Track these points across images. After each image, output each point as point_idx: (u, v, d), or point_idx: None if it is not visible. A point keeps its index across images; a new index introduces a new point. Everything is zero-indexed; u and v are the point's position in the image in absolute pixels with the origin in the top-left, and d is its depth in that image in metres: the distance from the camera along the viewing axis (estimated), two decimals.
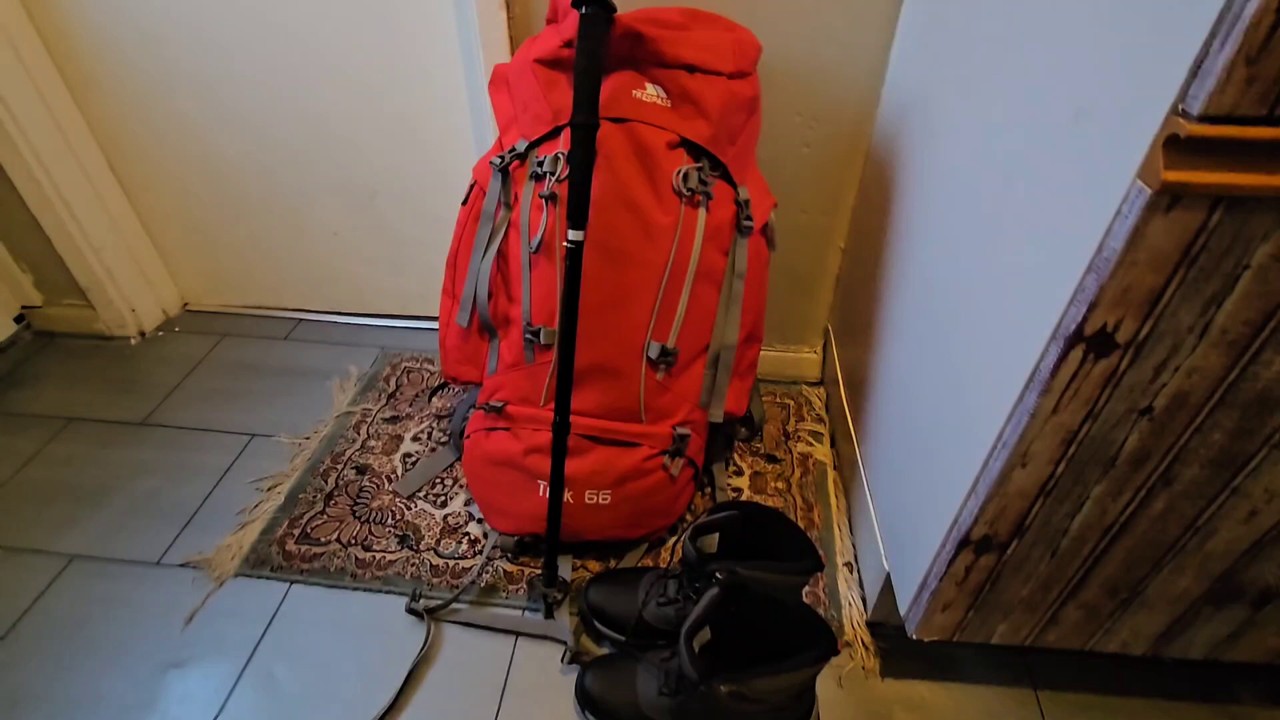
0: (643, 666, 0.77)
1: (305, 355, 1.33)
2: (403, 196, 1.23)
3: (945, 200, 0.71)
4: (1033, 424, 0.52)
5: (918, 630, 0.72)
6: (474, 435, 0.90)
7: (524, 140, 0.79)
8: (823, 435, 1.15)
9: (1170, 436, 0.52)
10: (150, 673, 0.83)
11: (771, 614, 0.70)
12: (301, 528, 1.00)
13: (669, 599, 0.82)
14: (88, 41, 1.10)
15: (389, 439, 1.14)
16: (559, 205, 0.77)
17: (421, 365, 1.30)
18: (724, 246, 0.81)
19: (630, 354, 0.81)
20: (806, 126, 0.99)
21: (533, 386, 0.85)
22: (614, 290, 0.79)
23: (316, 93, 1.12)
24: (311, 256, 1.34)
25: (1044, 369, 0.49)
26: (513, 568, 0.95)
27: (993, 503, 0.58)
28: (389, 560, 0.96)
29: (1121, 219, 0.41)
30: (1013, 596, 0.67)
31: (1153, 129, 0.38)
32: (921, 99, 0.79)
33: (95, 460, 1.11)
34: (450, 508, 1.03)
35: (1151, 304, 0.44)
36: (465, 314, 0.86)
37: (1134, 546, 0.60)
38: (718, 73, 0.74)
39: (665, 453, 0.86)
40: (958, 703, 0.82)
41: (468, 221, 0.85)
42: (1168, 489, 0.55)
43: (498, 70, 0.83)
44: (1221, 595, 0.64)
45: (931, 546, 0.67)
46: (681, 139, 0.76)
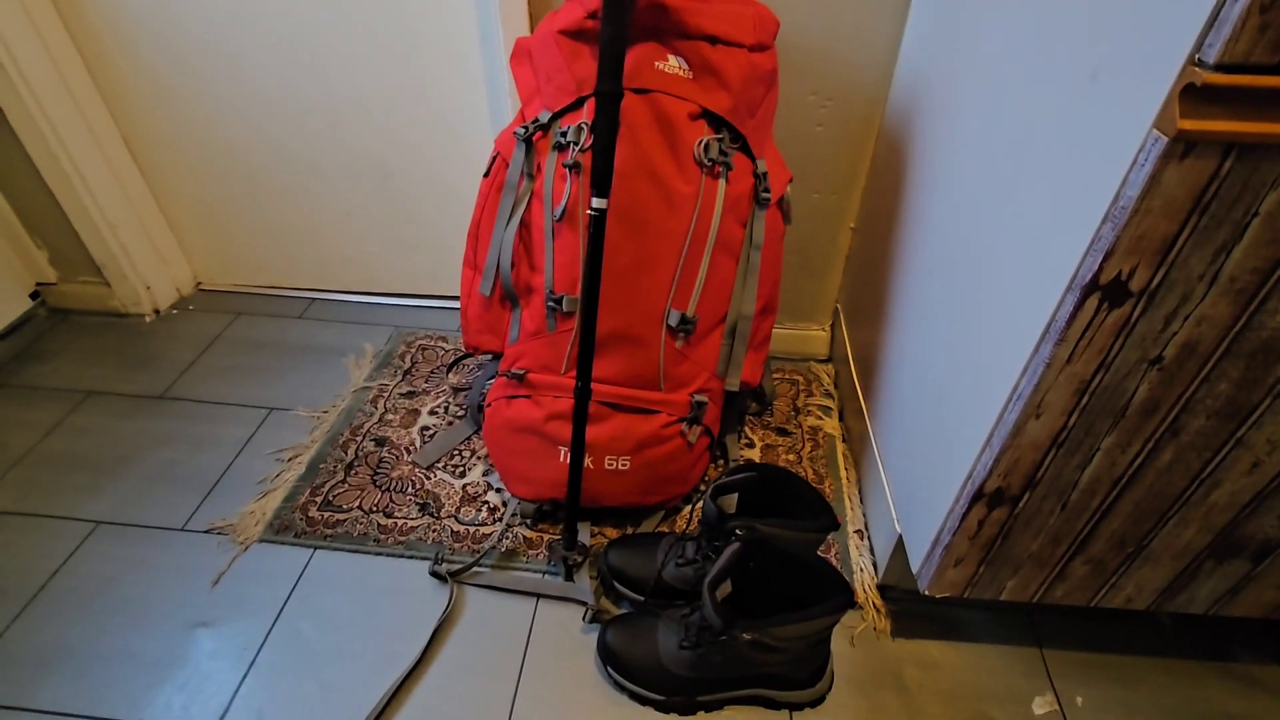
0: (663, 623, 0.80)
1: (320, 333, 1.35)
2: (417, 176, 1.25)
3: (959, 168, 0.73)
4: (1048, 374, 0.54)
5: (930, 586, 0.75)
6: (495, 403, 0.92)
7: (547, 111, 0.81)
8: (832, 410, 1.17)
9: (1179, 386, 0.54)
10: (179, 630, 0.85)
11: (789, 569, 0.73)
12: (324, 495, 1.02)
13: (687, 560, 0.84)
14: (105, 18, 1.12)
15: (406, 413, 1.16)
16: (582, 174, 0.79)
17: (435, 343, 1.32)
18: (742, 218, 0.84)
19: (651, 321, 0.83)
20: (819, 106, 1.01)
21: (554, 354, 0.87)
22: (636, 258, 0.81)
23: (332, 72, 1.14)
24: (325, 236, 1.36)
25: (1060, 319, 0.52)
26: (532, 534, 0.97)
27: (1006, 455, 0.60)
28: (410, 526, 0.98)
29: (1138, 168, 0.44)
30: (1022, 551, 0.69)
31: (1169, 79, 0.40)
32: (935, 75, 0.82)
33: (115, 432, 1.12)
34: (469, 478, 1.05)
35: (1164, 252, 0.47)
36: (488, 283, 0.88)
37: (1141, 499, 0.63)
38: (739, 44, 0.76)
39: (683, 420, 0.88)
40: (966, 661, 0.85)
41: (490, 192, 0.87)
42: (1175, 440, 0.58)
43: (519, 43, 0.85)
44: (1223, 548, 0.67)
45: (945, 502, 0.69)
46: (703, 110, 0.78)
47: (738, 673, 0.75)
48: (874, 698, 0.81)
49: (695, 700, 0.78)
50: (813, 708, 0.80)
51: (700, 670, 0.75)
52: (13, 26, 1.05)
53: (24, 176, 1.20)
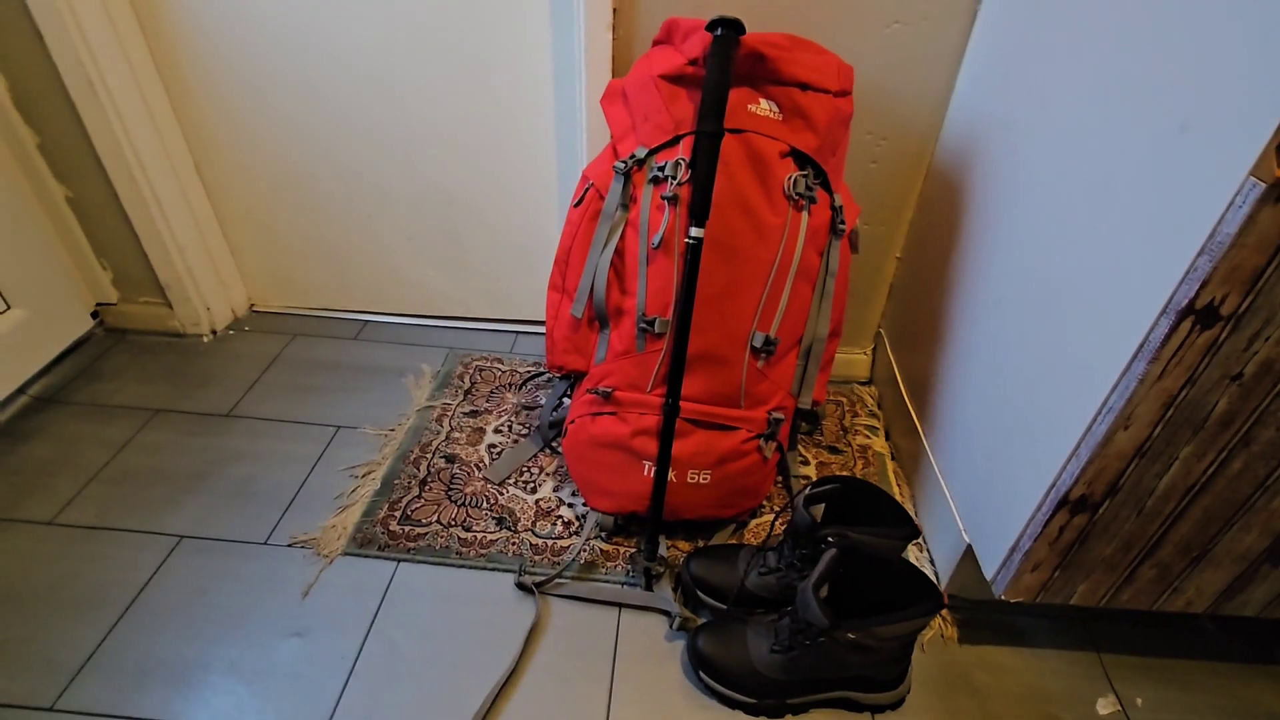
0: (751, 628, 0.84)
1: (376, 354, 1.39)
2: (478, 205, 1.31)
3: (1026, 205, 0.80)
4: (1139, 389, 0.61)
5: (1006, 591, 0.80)
6: (579, 420, 0.97)
7: (643, 147, 0.87)
8: (878, 429, 1.23)
9: (1254, 401, 0.61)
10: (275, 639, 0.88)
11: (878, 573, 0.78)
12: (401, 510, 1.05)
13: (769, 569, 0.89)
14: (188, 45, 1.17)
15: (472, 431, 1.20)
16: (679, 206, 0.85)
17: (491, 364, 1.37)
18: (820, 247, 0.90)
19: (737, 343, 0.89)
20: (875, 144, 1.09)
21: (641, 373, 0.92)
22: (726, 284, 0.87)
23: (404, 104, 1.20)
24: (383, 260, 1.40)
25: (1154, 339, 0.58)
26: (609, 547, 1.01)
27: (1093, 464, 0.66)
28: (490, 540, 1.01)
29: (1235, 209, 0.51)
30: (1097, 555, 0.75)
31: (1268, 133, 0.48)
32: (995, 120, 0.90)
33: (186, 448, 1.15)
34: (540, 493, 1.09)
35: (1253, 281, 0.53)
36: (580, 305, 0.93)
37: (1210, 505, 0.69)
38: (826, 90, 0.84)
39: (760, 436, 0.94)
40: (1029, 665, 0.90)
41: (582, 221, 0.93)
42: (1246, 450, 0.64)
43: (613, 85, 0.92)
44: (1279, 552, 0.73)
45: (1026, 510, 0.75)
46: (791, 149, 0.85)
47: (828, 675, 0.79)
48: (949, 700, 0.85)
49: (785, 703, 0.82)
50: (894, 709, 0.84)
51: (792, 673, 0.80)
52: (104, 53, 1.10)
53: (99, 199, 1.24)
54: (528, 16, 1.09)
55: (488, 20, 1.10)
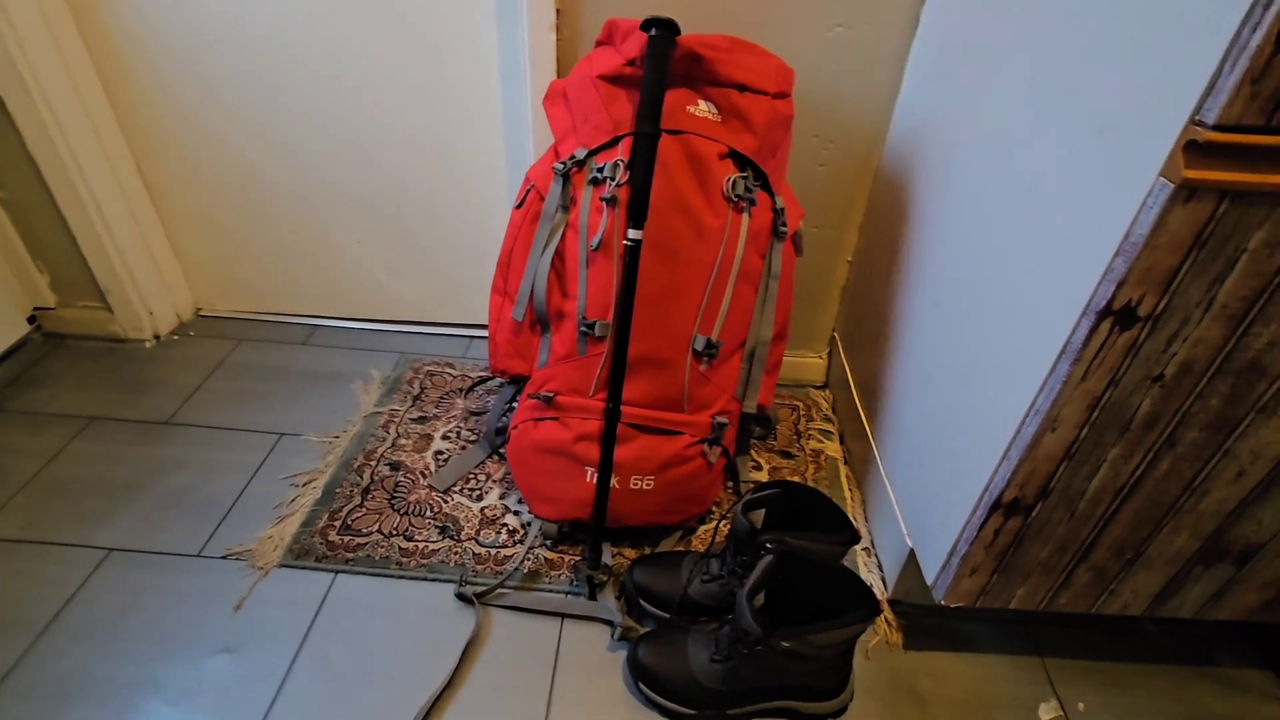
0: (692, 638, 0.82)
1: (326, 359, 1.36)
2: (428, 207, 1.29)
3: (962, 208, 0.80)
4: (1064, 390, 0.60)
5: (946, 596, 0.79)
6: (521, 425, 0.95)
7: (583, 149, 0.86)
8: (832, 434, 1.23)
9: (1176, 401, 0.61)
10: (203, 657, 0.84)
11: (817, 579, 0.77)
12: (342, 520, 1.02)
13: (712, 576, 0.88)
14: (127, 45, 1.13)
15: (419, 438, 1.18)
16: (618, 207, 0.84)
17: (443, 369, 1.34)
18: (762, 249, 0.89)
19: (678, 346, 0.88)
20: (822, 147, 1.09)
21: (583, 377, 0.90)
22: (666, 286, 0.86)
23: (351, 105, 1.17)
24: (332, 264, 1.37)
25: (1076, 340, 0.58)
26: (553, 555, 0.99)
27: (1023, 466, 0.66)
28: (432, 550, 0.99)
29: (1147, 209, 0.50)
30: (1032, 559, 0.75)
31: (1174, 135, 0.48)
32: (934, 123, 0.90)
33: (122, 458, 1.11)
34: (486, 501, 1.07)
35: (1168, 282, 0.53)
36: (521, 308, 0.91)
37: (1140, 507, 0.69)
38: (764, 92, 0.83)
39: (705, 441, 0.92)
40: (974, 671, 0.89)
41: (523, 223, 0.91)
42: (1171, 451, 0.64)
43: (554, 85, 0.91)
44: (1211, 553, 0.73)
45: (962, 513, 0.74)
46: (730, 150, 0.84)
47: (768, 684, 0.78)
48: (892, 708, 0.85)
49: (725, 714, 0.80)
50: (835, 718, 0.83)
51: (732, 682, 0.78)
52: (37, 50, 1.07)
53: (35, 200, 1.20)
54: (475, 15, 1.07)
55: (439, 14, 1.08)
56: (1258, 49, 0.42)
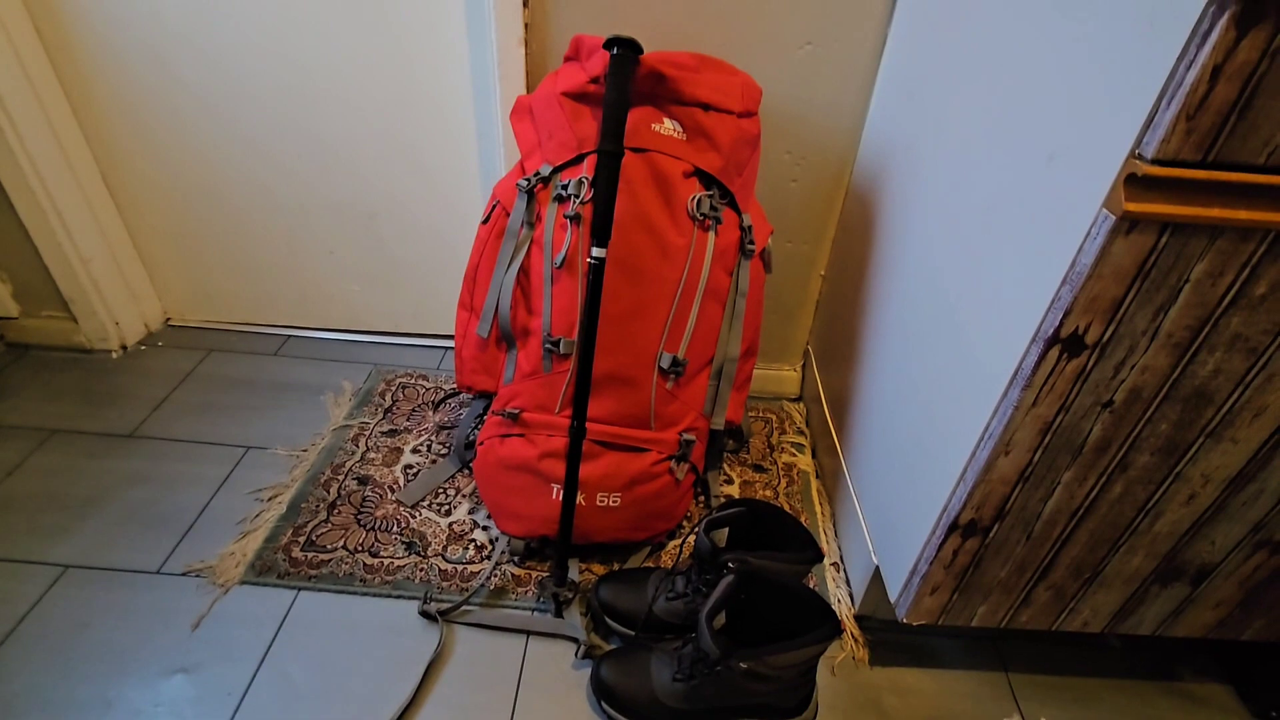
0: (655, 656, 0.82)
1: (296, 370, 1.34)
2: (402, 218, 1.28)
3: (927, 228, 0.81)
4: (1015, 415, 0.61)
5: (908, 614, 0.80)
6: (488, 442, 0.94)
7: (548, 165, 0.86)
8: (805, 447, 1.23)
9: (1127, 427, 0.61)
10: (159, 676, 0.83)
11: (779, 599, 0.77)
12: (306, 535, 1.01)
13: (678, 594, 0.87)
14: (90, 47, 1.12)
15: (389, 451, 1.17)
16: (583, 225, 0.84)
17: (416, 381, 1.33)
18: (729, 267, 0.90)
19: (644, 364, 0.88)
20: (794, 164, 1.09)
21: (549, 394, 0.90)
22: (631, 304, 0.85)
23: (322, 116, 1.17)
24: (305, 274, 1.36)
25: (1025, 367, 0.58)
26: (520, 571, 0.98)
27: (979, 489, 0.66)
28: (397, 566, 0.98)
29: (1091, 240, 0.51)
30: (992, 579, 0.75)
31: (1115, 168, 0.48)
32: (900, 142, 0.90)
33: (83, 471, 1.09)
34: (454, 516, 1.06)
35: (1114, 311, 0.54)
36: (485, 325, 0.91)
37: (1096, 528, 0.70)
38: (729, 111, 0.83)
39: (672, 458, 0.92)
40: (940, 686, 0.89)
41: (489, 239, 0.91)
42: (1124, 474, 0.65)
43: (520, 100, 0.90)
44: (1167, 573, 0.74)
45: (922, 533, 0.74)
46: (695, 169, 0.84)
47: (730, 703, 0.78)
48: None
49: None
50: None
51: (693, 702, 0.78)
52: None
53: None
54: (447, 27, 1.07)
55: (409, 29, 1.08)
56: (1192, 86, 0.43)
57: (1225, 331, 0.55)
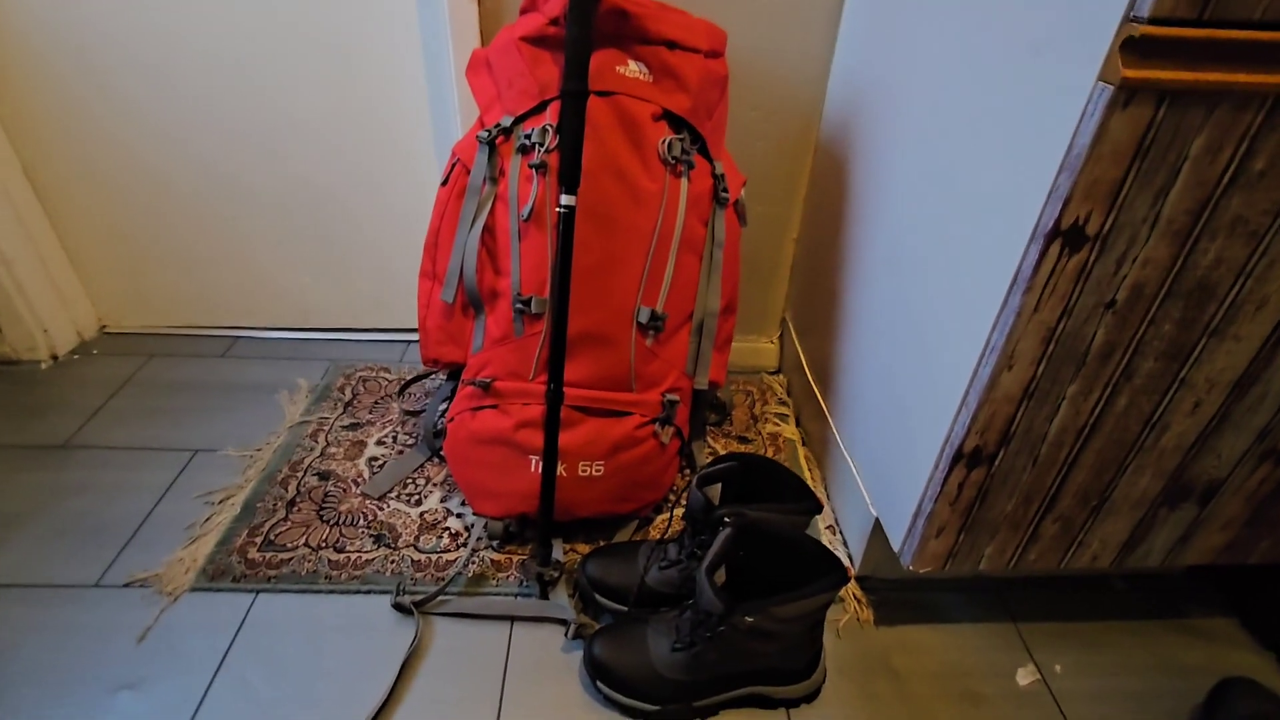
0: (651, 628, 0.76)
1: (247, 371, 1.26)
2: (354, 202, 1.21)
3: (908, 155, 0.78)
4: (1018, 323, 0.58)
5: (913, 561, 0.76)
6: (458, 417, 0.88)
7: (509, 116, 0.81)
8: (788, 416, 1.20)
9: (1130, 329, 0.59)
10: (101, 696, 0.74)
11: (780, 552, 0.72)
12: (264, 535, 0.93)
13: (670, 561, 0.82)
14: (5, 36, 1.04)
15: (351, 445, 1.09)
16: (549, 174, 0.79)
17: (378, 374, 1.26)
18: (704, 216, 0.86)
19: (621, 320, 0.83)
20: (762, 120, 1.07)
21: (522, 360, 0.84)
22: (605, 255, 0.81)
23: (260, 94, 1.10)
24: (250, 269, 1.28)
25: (1026, 268, 0.55)
26: (500, 556, 0.92)
27: (983, 411, 0.63)
28: (366, 560, 0.90)
29: (1088, 118, 0.49)
30: (999, 513, 0.72)
31: (1110, 35, 0.46)
32: (869, 80, 0.89)
33: (9, 485, 0.99)
34: (426, 505, 0.99)
35: (1113, 196, 0.51)
36: (450, 289, 0.85)
37: (1102, 448, 0.67)
38: (696, 49, 0.80)
39: (656, 420, 0.87)
40: (948, 642, 0.86)
41: (449, 200, 0.86)
42: (1129, 383, 0.63)
43: (476, 54, 0.86)
44: (1174, 494, 0.72)
45: (925, 470, 0.71)
46: (664, 111, 0.81)
47: (734, 669, 0.73)
48: (866, 686, 0.80)
49: (691, 707, 0.74)
50: (809, 702, 0.78)
51: (695, 671, 0.72)
52: None
53: None
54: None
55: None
56: None
57: (1225, 214, 0.53)
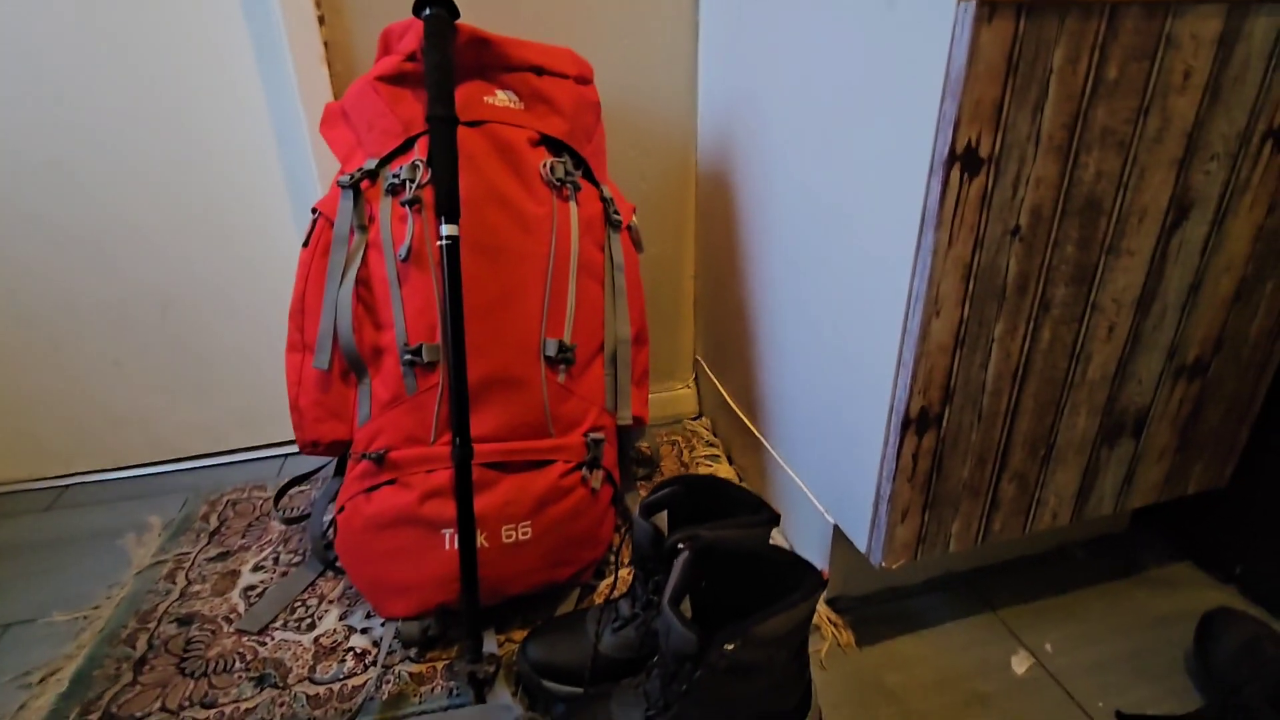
0: (615, 703, 0.64)
1: (79, 521, 1.04)
2: (205, 304, 1.08)
3: (786, 145, 0.79)
4: (935, 263, 0.56)
5: (884, 556, 0.70)
6: (350, 504, 0.75)
7: (373, 159, 0.75)
8: (719, 456, 1.14)
9: (1037, 256, 0.59)
10: None
11: (746, 571, 0.64)
12: (102, 710, 0.72)
13: (625, 619, 0.71)
14: None
15: (220, 577, 0.90)
16: (424, 210, 0.73)
17: (249, 494, 1.08)
18: (598, 240, 0.82)
19: (527, 356, 0.75)
20: (641, 158, 1.08)
21: (419, 421, 0.74)
22: (498, 290, 0.74)
23: (93, 189, 0.98)
24: (82, 398, 1.09)
25: (932, 202, 0.55)
26: (420, 667, 0.76)
27: (920, 366, 0.61)
28: (246, 711, 0.71)
29: (958, 39, 0.50)
30: (956, 482, 0.68)
31: None
32: (737, 93, 0.91)
33: None
34: (322, 627, 0.82)
35: (997, 116, 0.53)
36: (325, 354, 0.74)
37: (1038, 390, 0.66)
38: (564, 75, 0.79)
39: (582, 465, 0.78)
40: (937, 647, 0.79)
41: (313, 259, 0.77)
42: (1048, 315, 0.62)
43: (329, 108, 0.81)
44: (1111, 431, 0.72)
45: (876, 448, 0.67)
46: (541, 136, 0.78)
47: None
48: (867, 712, 0.71)
49: None
50: None
51: None
52: None
53: None
54: (231, 60, 0.95)
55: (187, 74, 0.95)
56: None
57: (1095, 126, 0.56)
